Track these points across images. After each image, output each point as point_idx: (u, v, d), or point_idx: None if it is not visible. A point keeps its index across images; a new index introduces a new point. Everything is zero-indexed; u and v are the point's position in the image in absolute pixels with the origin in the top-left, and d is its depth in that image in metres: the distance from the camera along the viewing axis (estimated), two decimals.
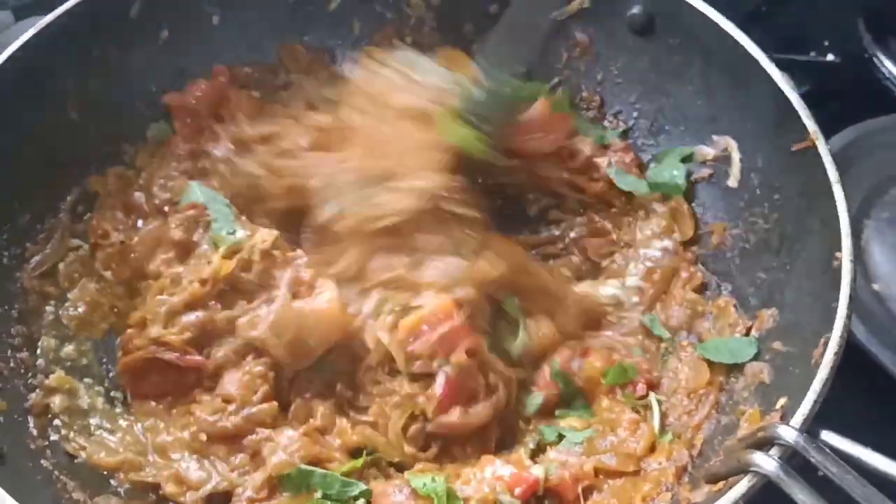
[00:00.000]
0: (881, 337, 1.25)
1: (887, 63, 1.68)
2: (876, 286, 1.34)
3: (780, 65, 1.62)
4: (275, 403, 1.07)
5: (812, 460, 0.77)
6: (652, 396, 1.10)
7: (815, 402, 0.84)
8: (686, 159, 1.25)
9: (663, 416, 1.08)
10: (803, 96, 1.55)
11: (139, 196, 1.24)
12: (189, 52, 1.31)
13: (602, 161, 1.27)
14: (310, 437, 1.04)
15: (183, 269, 1.14)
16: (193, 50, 1.32)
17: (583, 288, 1.22)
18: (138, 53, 1.26)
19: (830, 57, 1.70)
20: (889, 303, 1.32)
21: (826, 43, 1.73)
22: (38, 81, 1.15)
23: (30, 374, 1.09)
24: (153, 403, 1.11)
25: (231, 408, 1.05)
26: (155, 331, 1.09)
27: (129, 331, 1.12)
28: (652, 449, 1.03)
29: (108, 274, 1.20)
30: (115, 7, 1.22)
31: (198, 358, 1.09)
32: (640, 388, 1.11)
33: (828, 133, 1.45)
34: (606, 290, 1.22)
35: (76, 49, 1.19)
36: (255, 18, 1.35)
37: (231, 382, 1.07)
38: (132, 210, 1.24)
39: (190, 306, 1.10)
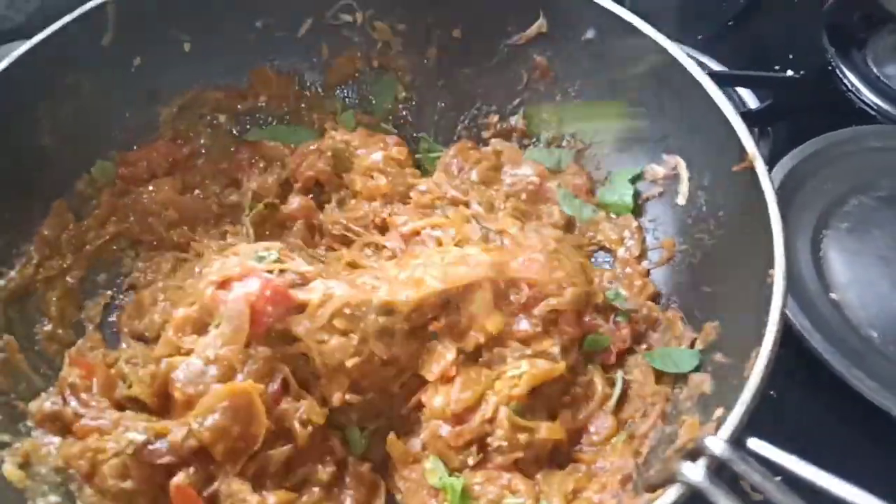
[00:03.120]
0: (838, 346, 1.26)
1: (850, 76, 1.70)
2: (834, 295, 1.35)
3: (745, 80, 1.67)
4: None
5: (736, 469, 0.80)
6: (619, 374, 1.13)
7: (744, 413, 0.86)
8: (635, 179, 1.29)
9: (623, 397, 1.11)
10: (768, 109, 1.61)
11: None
12: (161, 78, 1.35)
13: (552, 185, 1.30)
14: None
15: None
16: (166, 76, 1.35)
17: None
18: (111, 80, 1.29)
19: (794, 71, 1.73)
20: (846, 311, 1.32)
21: (790, 57, 1.77)
22: (11, 108, 1.18)
23: None
24: None
25: None
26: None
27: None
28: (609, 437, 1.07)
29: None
30: (88, 35, 1.25)
31: None
32: (612, 358, 1.14)
33: (791, 145, 1.50)
34: None
35: (50, 76, 1.22)
36: (225, 44, 1.38)
37: None
38: None
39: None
